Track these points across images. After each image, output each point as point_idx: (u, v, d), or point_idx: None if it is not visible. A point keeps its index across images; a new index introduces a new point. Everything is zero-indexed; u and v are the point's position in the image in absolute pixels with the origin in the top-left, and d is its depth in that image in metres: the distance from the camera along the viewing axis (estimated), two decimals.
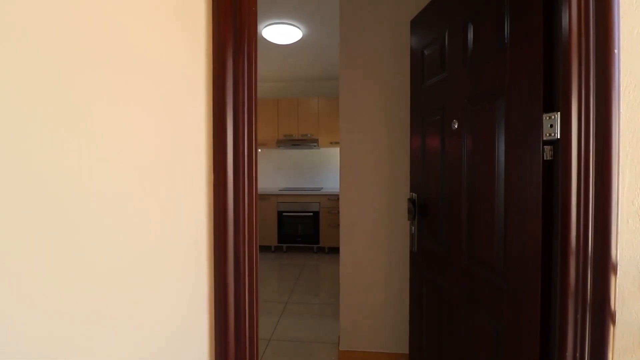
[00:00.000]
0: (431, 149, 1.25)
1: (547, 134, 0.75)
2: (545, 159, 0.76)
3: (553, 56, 0.76)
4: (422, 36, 1.31)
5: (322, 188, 4.55)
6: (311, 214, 4.23)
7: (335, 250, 4.31)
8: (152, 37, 0.60)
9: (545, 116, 0.75)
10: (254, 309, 0.73)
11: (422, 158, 1.32)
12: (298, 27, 2.75)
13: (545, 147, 0.76)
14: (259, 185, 4.99)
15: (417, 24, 1.35)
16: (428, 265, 1.28)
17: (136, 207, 0.57)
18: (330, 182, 4.78)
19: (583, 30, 0.66)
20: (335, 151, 4.67)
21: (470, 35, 1.00)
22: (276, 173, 4.90)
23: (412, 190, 1.39)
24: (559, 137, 0.72)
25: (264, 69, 4.09)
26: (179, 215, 0.69)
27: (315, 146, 4.44)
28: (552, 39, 0.75)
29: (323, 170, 4.81)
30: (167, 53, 0.65)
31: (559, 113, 0.72)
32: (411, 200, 1.35)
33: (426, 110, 1.29)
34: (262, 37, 2.93)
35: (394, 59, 1.76)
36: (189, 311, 0.69)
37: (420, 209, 1.32)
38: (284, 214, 4.27)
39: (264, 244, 4.39)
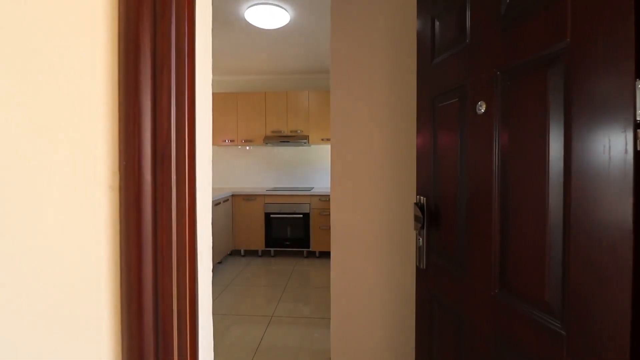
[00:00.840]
0: (445, 141, 0.99)
1: None
2: (639, 149, 0.50)
3: None
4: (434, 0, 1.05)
5: (312, 188, 4.28)
6: (301, 215, 3.95)
7: (326, 255, 4.05)
8: None
9: None
10: None
11: (433, 153, 1.06)
12: (285, 9, 2.47)
13: (639, 131, 0.50)
14: (246, 185, 4.69)
15: None
16: (440, 288, 1.02)
17: None
18: (322, 182, 4.51)
19: None
20: (327, 148, 4.40)
21: None
22: (263, 172, 4.62)
23: (419, 193, 1.13)
24: None
25: (250, 59, 3.80)
26: (49, 249, 0.41)
27: (305, 143, 4.16)
28: None
29: (314, 168, 4.54)
30: None
31: None
32: (419, 205, 1.09)
33: (438, 92, 1.02)
34: (245, 20, 2.64)
35: (394, 40, 1.50)
36: None
37: (431, 217, 1.06)
38: (272, 215, 3.99)
39: (250, 249, 4.10)
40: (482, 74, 0.82)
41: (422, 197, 1.10)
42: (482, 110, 0.81)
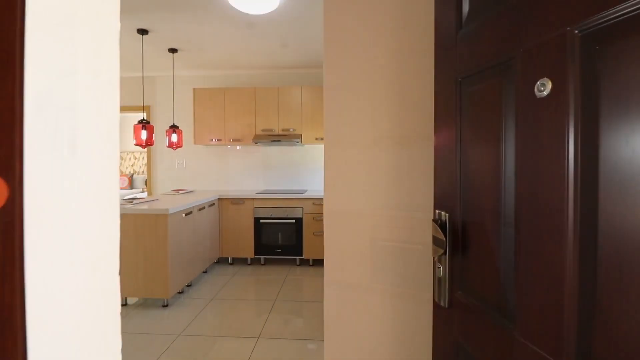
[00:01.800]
0: (479, 137, 0.72)
1: None
2: None
3: None
4: None
5: (306, 190, 4.01)
6: (293, 221, 3.68)
7: (320, 263, 3.78)
8: None
9: None
10: None
11: (459, 153, 0.79)
12: None
13: None
14: (234, 188, 4.40)
15: None
16: (471, 337, 0.75)
17: None
18: (316, 184, 4.25)
19: None
20: (322, 148, 4.14)
21: None
22: (253, 174, 4.33)
23: (438, 206, 0.87)
24: None
25: (236, 51, 3.51)
26: None
27: (298, 142, 3.89)
28: None
29: (307, 170, 4.27)
30: None
31: None
32: (439, 224, 0.83)
33: (468, 72, 0.76)
34: (229, 4, 2.36)
35: (401, 20, 1.23)
36: None
37: (456, 239, 0.80)
38: (262, 220, 3.71)
39: (239, 256, 3.81)
40: (544, 38, 0.55)
41: (443, 213, 0.83)
42: (546, 92, 0.55)
